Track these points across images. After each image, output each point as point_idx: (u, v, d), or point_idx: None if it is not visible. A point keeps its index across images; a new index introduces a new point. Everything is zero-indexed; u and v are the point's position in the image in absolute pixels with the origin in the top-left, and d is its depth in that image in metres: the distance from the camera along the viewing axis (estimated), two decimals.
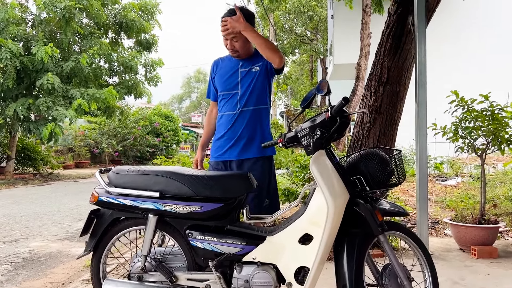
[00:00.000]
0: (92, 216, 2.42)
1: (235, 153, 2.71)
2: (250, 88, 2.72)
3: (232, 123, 2.73)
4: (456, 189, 7.97)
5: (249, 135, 2.71)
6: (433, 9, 4.07)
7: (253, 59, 2.78)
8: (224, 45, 2.75)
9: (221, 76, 2.82)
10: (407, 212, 2.41)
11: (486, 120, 4.03)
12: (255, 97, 2.73)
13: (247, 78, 2.74)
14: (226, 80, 2.78)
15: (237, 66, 2.78)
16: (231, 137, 2.73)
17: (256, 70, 2.73)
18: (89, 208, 2.47)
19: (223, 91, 2.80)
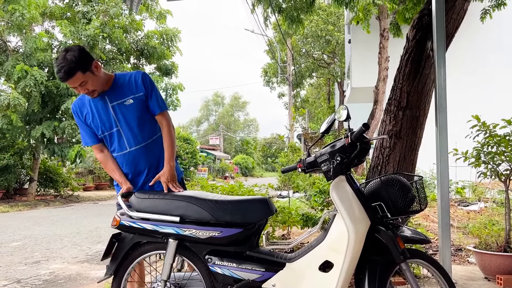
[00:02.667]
0: (113, 240, 2.44)
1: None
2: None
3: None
4: (479, 214, 7.76)
5: None
6: (452, 34, 4.07)
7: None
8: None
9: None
10: (429, 240, 2.37)
11: (509, 145, 3.95)
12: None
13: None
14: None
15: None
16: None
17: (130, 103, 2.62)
18: (108, 230, 2.51)
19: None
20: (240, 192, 4.71)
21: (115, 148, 2.63)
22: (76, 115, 2.66)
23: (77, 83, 2.45)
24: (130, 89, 2.60)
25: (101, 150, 2.68)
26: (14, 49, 13.74)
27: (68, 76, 2.41)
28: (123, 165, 2.63)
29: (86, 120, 2.62)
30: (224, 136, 52.49)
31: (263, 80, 31.30)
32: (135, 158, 2.61)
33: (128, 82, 2.62)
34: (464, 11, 4.05)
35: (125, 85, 2.61)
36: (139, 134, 2.60)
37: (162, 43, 15.94)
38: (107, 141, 2.65)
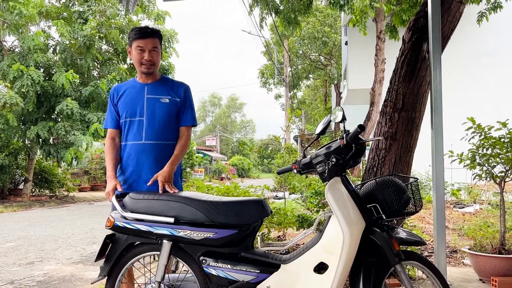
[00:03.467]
0: (107, 241, 2.43)
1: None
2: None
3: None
4: (474, 216, 7.78)
5: None
6: (448, 36, 4.08)
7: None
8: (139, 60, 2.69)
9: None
10: (424, 241, 2.37)
11: (504, 147, 3.97)
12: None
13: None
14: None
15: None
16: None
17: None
18: (103, 231, 2.49)
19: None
20: (235, 193, 4.71)
21: (131, 136, 2.68)
22: (111, 97, 2.78)
23: (152, 45, 2.64)
24: (172, 91, 2.74)
25: (114, 137, 2.77)
26: (9, 48, 13.68)
27: (152, 34, 2.66)
28: (131, 155, 2.67)
29: (119, 101, 2.73)
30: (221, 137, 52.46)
31: (260, 81, 31.34)
32: (145, 151, 2.66)
33: (172, 85, 2.78)
34: (459, 14, 4.07)
35: (169, 86, 2.77)
36: (160, 131, 2.67)
37: None
38: (126, 128, 2.71)
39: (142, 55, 2.63)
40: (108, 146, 2.75)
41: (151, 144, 2.66)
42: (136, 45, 2.64)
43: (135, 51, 2.65)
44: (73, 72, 12.70)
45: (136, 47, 2.64)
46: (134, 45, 2.65)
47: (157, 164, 2.64)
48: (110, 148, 2.74)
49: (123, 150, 2.74)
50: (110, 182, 2.64)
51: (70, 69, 12.81)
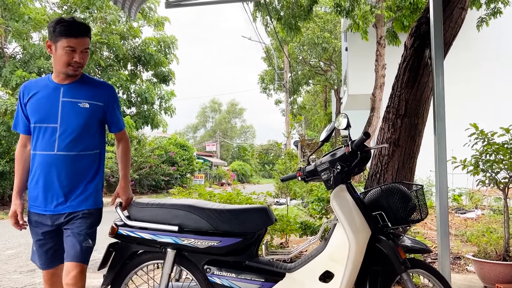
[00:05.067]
0: (110, 250, 2.41)
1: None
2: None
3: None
4: (477, 222, 7.75)
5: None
6: (450, 42, 4.08)
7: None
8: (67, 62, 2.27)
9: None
10: (430, 249, 2.35)
11: (507, 153, 3.95)
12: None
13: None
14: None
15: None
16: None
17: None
18: (104, 237, 2.47)
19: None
20: (238, 200, 4.69)
21: (41, 145, 2.28)
22: (21, 96, 2.35)
23: (84, 46, 2.27)
24: (93, 94, 2.36)
25: (25, 144, 2.38)
26: (11, 55, 13.72)
27: (85, 32, 2.28)
28: (40, 167, 2.28)
29: (28, 102, 2.31)
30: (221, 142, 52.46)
31: (260, 87, 31.38)
32: (57, 164, 2.27)
33: (94, 86, 2.40)
34: (461, 20, 4.07)
35: (90, 87, 2.38)
36: (76, 141, 2.29)
37: (159, 51, 15.98)
38: (35, 135, 2.31)
39: (72, 55, 2.23)
40: (17, 155, 2.39)
41: (65, 156, 2.27)
42: (65, 45, 2.21)
43: (61, 50, 2.23)
44: None
45: (65, 47, 2.22)
46: (62, 43, 2.22)
47: (70, 180, 2.29)
48: (20, 158, 2.38)
49: (32, 160, 2.33)
50: (13, 202, 2.35)
51: None
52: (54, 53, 2.27)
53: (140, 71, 16.34)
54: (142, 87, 16.02)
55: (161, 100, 16.57)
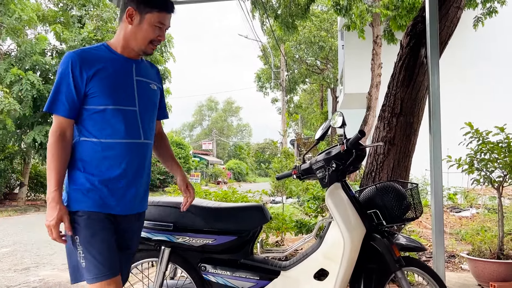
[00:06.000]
0: None
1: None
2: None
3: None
4: (471, 221, 7.79)
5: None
6: (445, 41, 4.09)
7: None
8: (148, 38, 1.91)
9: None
10: (425, 247, 2.36)
11: (502, 152, 3.97)
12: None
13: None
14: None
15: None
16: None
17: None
18: None
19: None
20: (233, 198, 4.68)
21: (125, 132, 1.85)
22: (77, 69, 1.79)
23: (169, 24, 1.96)
24: (154, 75, 2.07)
25: (66, 131, 1.81)
26: (5, 52, 13.63)
27: (173, 8, 1.97)
28: (125, 158, 1.85)
29: (94, 78, 1.81)
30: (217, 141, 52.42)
31: (256, 85, 31.39)
32: (145, 156, 1.95)
33: (151, 66, 2.10)
34: (457, 19, 4.08)
35: (149, 67, 2.07)
36: (151, 129, 2.00)
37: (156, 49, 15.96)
38: (107, 119, 1.83)
39: (159, 32, 1.91)
40: (57, 146, 1.77)
41: (148, 145, 1.97)
42: (155, 19, 1.87)
43: (149, 24, 1.87)
44: None
45: (156, 22, 1.88)
46: (153, 16, 1.87)
47: (149, 173, 2.03)
48: (62, 149, 1.78)
49: (106, 150, 1.82)
50: (54, 208, 1.75)
51: None
52: (136, 25, 1.87)
53: None
54: None
55: None
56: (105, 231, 1.80)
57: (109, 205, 1.82)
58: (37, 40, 12.97)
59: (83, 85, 1.80)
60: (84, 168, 1.82)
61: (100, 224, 1.79)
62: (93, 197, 1.79)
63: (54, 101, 1.79)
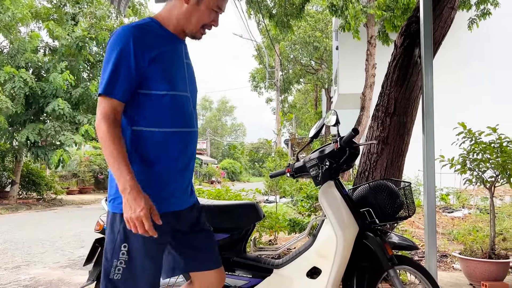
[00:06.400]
0: (96, 245, 2.38)
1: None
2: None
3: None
4: (463, 221, 7.84)
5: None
6: (439, 41, 4.11)
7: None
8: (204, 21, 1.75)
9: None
10: (417, 246, 2.37)
11: (494, 153, 4.00)
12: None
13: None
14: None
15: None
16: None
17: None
18: (91, 234, 2.44)
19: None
20: (227, 196, 4.67)
21: (179, 119, 1.69)
22: (137, 50, 1.58)
23: (225, 7, 1.79)
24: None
25: (119, 115, 1.60)
26: None
27: None
28: (179, 149, 1.69)
29: (156, 61, 1.63)
30: (211, 140, 52.35)
31: (251, 85, 31.37)
32: (194, 145, 1.79)
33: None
34: (451, 20, 4.10)
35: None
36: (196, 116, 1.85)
37: None
38: (169, 105, 1.66)
39: (214, 17, 1.76)
40: (113, 132, 1.55)
41: (197, 134, 1.82)
42: (215, 3, 1.72)
43: (206, 7, 1.71)
44: (70, 75, 12.69)
45: (214, 6, 1.72)
46: (212, 0, 1.71)
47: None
48: (118, 135, 1.57)
49: (159, 141, 1.64)
50: (139, 196, 1.51)
51: (66, 71, 12.76)
52: (193, 4, 1.70)
53: None
54: None
55: None
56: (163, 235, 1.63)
57: (170, 202, 1.66)
58: (30, 38, 12.85)
59: (145, 66, 1.60)
60: (140, 162, 1.62)
61: (159, 228, 1.57)
62: (152, 196, 1.57)
63: (112, 83, 1.57)
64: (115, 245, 1.60)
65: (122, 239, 1.59)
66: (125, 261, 1.59)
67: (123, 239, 1.59)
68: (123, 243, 1.59)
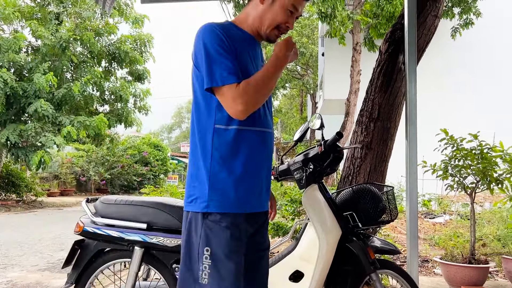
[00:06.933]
0: (75, 247, 2.34)
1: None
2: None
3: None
4: (445, 226, 7.95)
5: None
6: (423, 48, 4.17)
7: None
8: (278, 23, 1.70)
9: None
10: (399, 250, 2.38)
11: (475, 159, 4.06)
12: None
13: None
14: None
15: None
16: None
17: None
18: (72, 237, 2.39)
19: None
20: None
21: (258, 119, 1.67)
22: (227, 40, 1.59)
23: (301, 12, 1.75)
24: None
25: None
26: None
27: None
28: (262, 148, 1.68)
29: (237, 57, 1.61)
30: None
31: None
32: (272, 146, 1.77)
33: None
34: (434, 27, 4.16)
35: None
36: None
37: (135, 48, 15.73)
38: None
39: (288, 18, 1.70)
40: (250, 82, 1.56)
41: (273, 136, 1.79)
42: (290, 2, 1.67)
43: (281, 6, 1.67)
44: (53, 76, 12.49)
45: (289, 5, 1.67)
46: (287, 0, 1.67)
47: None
48: (251, 78, 1.59)
49: (238, 141, 1.61)
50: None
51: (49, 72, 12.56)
52: (268, 4, 1.68)
53: (114, 69, 16.03)
54: (116, 85, 15.73)
55: (136, 98, 16.32)
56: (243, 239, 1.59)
57: (250, 203, 1.63)
58: (14, 39, 12.63)
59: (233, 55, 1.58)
60: (223, 161, 1.59)
61: (241, 230, 1.57)
62: (235, 195, 1.57)
63: (223, 71, 1.53)
64: (198, 249, 1.58)
65: (204, 243, 1.57)
66: (209, 265, 1.56)
67: (205, 243, 1.57)
68: (205, 247, 1.56)
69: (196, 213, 1.61)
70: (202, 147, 1.61)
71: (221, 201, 1.56)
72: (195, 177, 1.63)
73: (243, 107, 1.52)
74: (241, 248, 1.59)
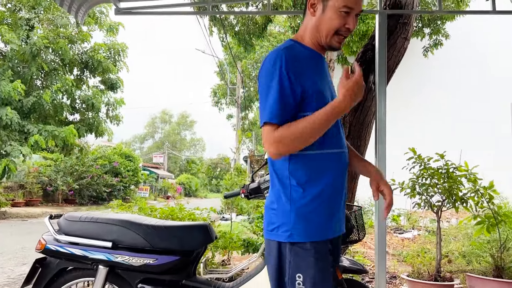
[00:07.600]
0: (36, 265, 2.25)
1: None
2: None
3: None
4: (413, 242, 8.09)
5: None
6: (393, 69, 4.29)
7: None
8: (335, 27, 1.63)
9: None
10: (367, 270, 2.40)
11: (441, 178, 4.16)
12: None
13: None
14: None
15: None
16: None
17: None
18: (32, 253, 2.30)
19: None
20: (180, 215, 4.57)
21: (335, 140, 1.65)
22: (290, 71, 1.55)
23: (360, 8, 1.63)
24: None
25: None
26: None
27: None
28: (339, 170, 1.66)
29: (303, 76, 1.57)
30: (169, 154, 51.56)
31: (211, 100, 31.29)
32: (347, 167, 1.74)
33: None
34: (404, 49, 4.29)
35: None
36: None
37: (109, 57, 15.53)
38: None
39: (345, 20, 1.61)
40: (291, 127, 1.53)
41: (347, 156, 1.75)
42: (340, 4, 1.58)
43: (333, 11, 1.60)
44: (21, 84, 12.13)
45: (340, 7, 1.59)
46: (336, 1, 1.59)
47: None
48: (292, 124, 1.55)
49: (317, 165, 1.60)
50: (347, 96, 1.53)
51: (17, 79, 12.21)
52: (319, 15, 1.63)
53: (86, 77, 15.76)
54: (88, 94, 15.44)
55: (109, 107, 16.05)
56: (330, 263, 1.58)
57: (331, 228, 1.61)
58: None
59: (298, 87, 1.55)
60: (303, 187, 1.56)
61: (328, 256, 1.56)
62: (318, 222, 1.56)
63: (276, 109, 1.51)
64: (289, 276, 1.56)
65: (295, 269, 1.55)
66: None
67: (295, 269, 1.55)
68: (297, 273, 1.55)
69: (283, 243, 1.58)
70: (281, 174, 1.60)
71: (305, 229, 1.55)
72: (275, 203, 1.60)
73: (276, 152, 1.53)
74: (330, 274, 1.59)
